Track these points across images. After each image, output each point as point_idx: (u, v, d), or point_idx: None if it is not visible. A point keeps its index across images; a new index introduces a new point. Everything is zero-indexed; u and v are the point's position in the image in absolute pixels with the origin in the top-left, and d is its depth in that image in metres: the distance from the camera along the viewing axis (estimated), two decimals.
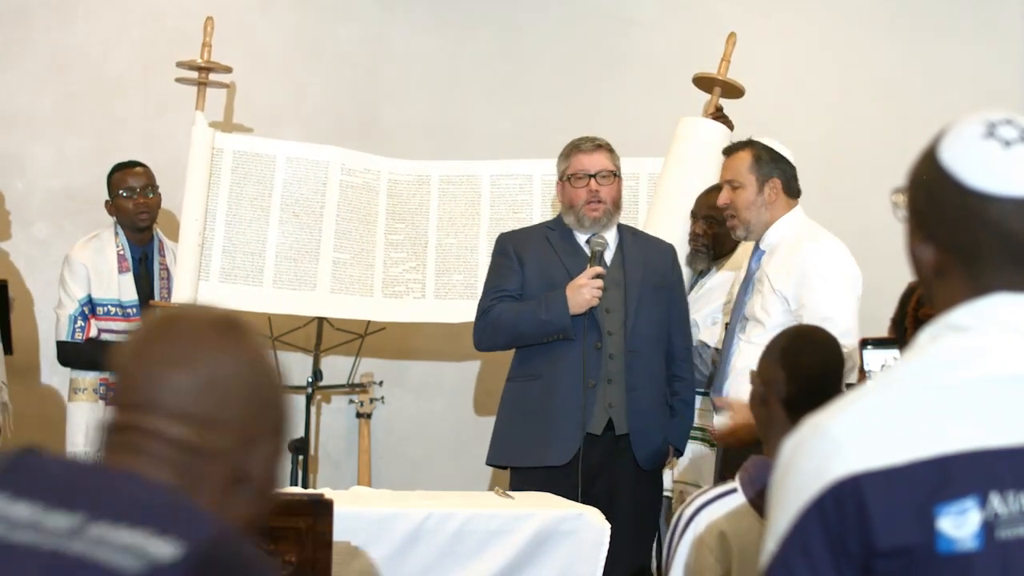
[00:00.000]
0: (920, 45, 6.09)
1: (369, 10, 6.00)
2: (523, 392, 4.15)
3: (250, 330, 1.47)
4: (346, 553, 3.13)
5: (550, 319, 4.05)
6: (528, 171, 5.06)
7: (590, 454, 4.02)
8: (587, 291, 4.02)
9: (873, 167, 5.93)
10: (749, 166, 4.03)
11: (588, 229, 4.21)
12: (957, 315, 1.42)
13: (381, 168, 5.11)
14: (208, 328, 1.41)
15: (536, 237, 4.28)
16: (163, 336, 1.39)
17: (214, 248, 4.87)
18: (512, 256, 4.22)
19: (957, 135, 1.45)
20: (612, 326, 4.11)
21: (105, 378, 4.77)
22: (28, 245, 5.74)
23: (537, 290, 4.15)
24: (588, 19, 6.07)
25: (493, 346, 4.28)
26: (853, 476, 1.33)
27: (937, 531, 1.32)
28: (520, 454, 4.13)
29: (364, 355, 5.69)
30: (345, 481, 5.61)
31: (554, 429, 4.04)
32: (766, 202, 4.02)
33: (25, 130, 5.74)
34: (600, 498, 3.98)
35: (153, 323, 1.43)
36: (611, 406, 4.07)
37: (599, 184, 4.19)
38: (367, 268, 5.01)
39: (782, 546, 1.35)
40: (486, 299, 4.22)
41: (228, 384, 1.38)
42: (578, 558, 3.34)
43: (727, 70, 5.00)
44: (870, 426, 1.35)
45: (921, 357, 1.41)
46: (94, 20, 5.80)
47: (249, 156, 4.95)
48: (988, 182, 1.41)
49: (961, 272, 1.43)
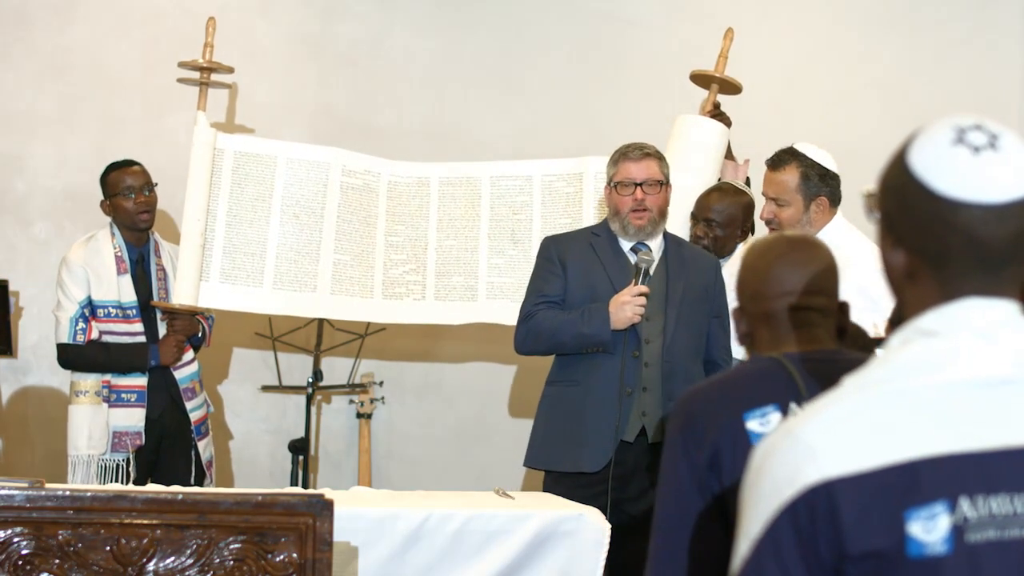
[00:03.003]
0: (920, 44, 6.09)
1: (369, 10, 6.00)
2: (561, 397, 4.16)
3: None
4: (346, 553, 3.13)
5: (591, 333, 4.04)
6: (528, 172, 5.05)
7: (622, 461, 4.02)
8: (629, 309, 4.01)
9: (872, 166, 5.93)
10: (797, 185, 3.99)
11: (633, 237, 4.20)
12: (927, 320, 1.43)
13: (381, 170, 5.10)
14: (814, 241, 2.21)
15: (581, 243, 4.26)
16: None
17: (215, 249, 4.86)
18: (556, 261, 4.21)
19: (926, 141, 1.45)
20: (650, 335, 4.10)
21: (107, 380, 4.76)
22: (28, 245, 5.74)
23: (579, 297, 4.15)
24: (588, 19, 6.08)
25: (533, 351, 4.28)
26: (826, 482, 1.34)
27: (907, 535, 1.33)
28: (555, 458, 4.14)
29: (364, 356, 5.69)
30: (345, 481, 5.62)
31: (589, 435, 4.05)
32: (811, 220, 4.00)
33: (25, 130, 5.74)
34: (631, 503, 4.00)
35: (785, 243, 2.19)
36: (644, 414, 4.06)
37: (645, 192, 4.18)
38: (367, 270, 5.01)
39: (755, 550, 1.37)
40: (529, 303, 4.22)
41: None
42: (578, 558, 3.34)
43: (724, 67, 4.99)
44: (842, 431, 1.36)
45: (891, 362, 1.42)
46: (94, 20, 5.80)
47: (250, 157, 4.95)
48: (957, 189, 1.41)
49: (931, 277, 1.43)
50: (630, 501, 4.01)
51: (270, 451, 5.82)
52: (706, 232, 4.59)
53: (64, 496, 2.51)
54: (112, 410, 4.76)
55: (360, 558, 3.18)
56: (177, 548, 2.52)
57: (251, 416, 5.88)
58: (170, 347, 4.82)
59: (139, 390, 4.79)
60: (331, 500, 2.56)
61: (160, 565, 2.52)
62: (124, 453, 4.75)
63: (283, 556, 2.55)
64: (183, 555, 2.53)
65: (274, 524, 2.54)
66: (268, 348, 5.59)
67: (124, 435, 4.76)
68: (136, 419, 4.78)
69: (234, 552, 2.54)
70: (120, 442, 4.75)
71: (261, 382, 5.80)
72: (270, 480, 5.71)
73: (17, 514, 2.48)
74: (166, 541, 2.52)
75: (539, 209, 4.99)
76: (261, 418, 5.88)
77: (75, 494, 2.53)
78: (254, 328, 5.55)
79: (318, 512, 2.53)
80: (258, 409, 5.88)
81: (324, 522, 2.53)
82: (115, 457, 4.75)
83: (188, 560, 2.53)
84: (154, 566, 2.52)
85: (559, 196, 4.97)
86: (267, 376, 5.75)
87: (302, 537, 2.54)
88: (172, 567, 2.52)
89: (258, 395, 5.84)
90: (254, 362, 5.81)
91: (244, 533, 2.54)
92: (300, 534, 2.54)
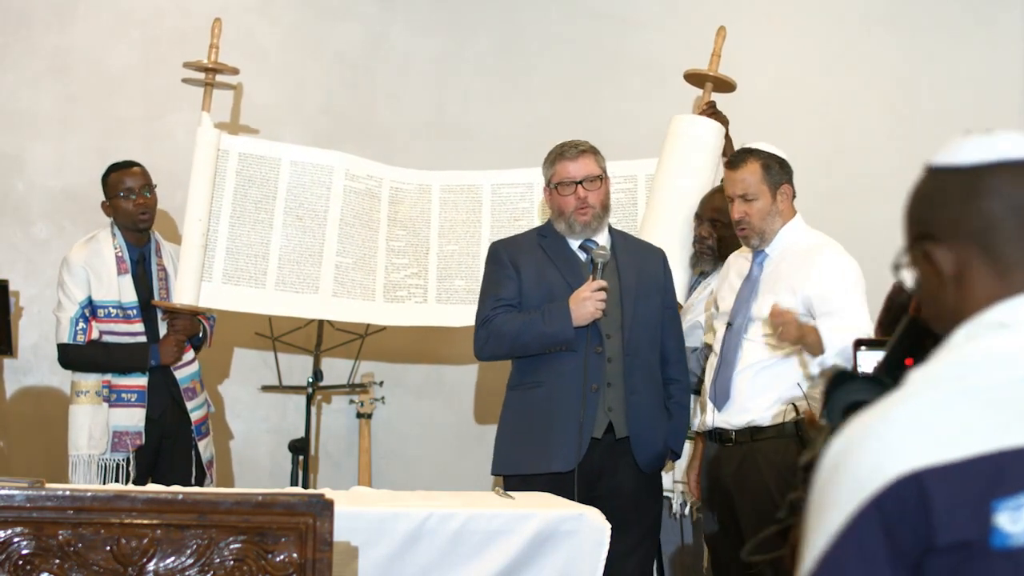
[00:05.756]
0: (920, 45, 6.09)
1: (369, 10, 6.00)
2: (525, 400, 4.15)
3: None
4: (346, 553, 3.13)
5: (554, 332, 4.04)
6: (529, 180, 5.07)
7: (590, 457, 4.02)
8: (591, 304, 4.01)
9: (871, 166, 5.94)
10: (760, 177, 4.02)
11: (579, 235, 4.21)
12: (995, 313, 1.43)
13: (384, 175, 5.12)
14: None
15: (529, 244, 4.26)
16: None
17: (217, 249, 4.87)
18: (507, 264, 4.21)
19: (943, 149, 1.50)
20: (610, 329, 4.11)
21: (107, 380, 4.77)
22: (28, 245, 5.74)
23: (535, 298, 4.14)
24: (588, 19, 6.08)
25: (494, 356, 4.26)
26: (915, 472, 1.33)
27: (993, 526, 1.32)
28: (525, 462, 4.12)
29: (364, 356, 5.69)
30: (345, 481, 5.62)
31: (558, 436, 4.04)
32: (779, 210, 4.04)
33: (25, 130, 5.75)
34: (601, 501, 3.99)
35: None
36: (611, 409, 4.07)
37: (586, 190, 4.19)
38: (369, 273, 5.02)
39: (835, 545, 1.35)
40: (485, 308, 4.20)
41: None
42: (578, 558, 3.33)
43: (718, 65, 5.00)
44: (925, 424, 1.36)
45: (960, 357, 1.42)
46: (94, 20, 5.81)
47: (254, 159, 4.96)
48: (983, 154, 1.45)
49: (986, 269, 1.45)
50: (600, 500, 3.98)
51: (270, 451, 5.82)
52: (711, 232, 4.59)
53: (64, 496, 2.51)
54: (112, 410, 4.76)
55: (360, 558, 3.18)
56: (177, 548, 2.53)
57: (251, 416, 5.88)
58: (170, 347, 4.82)
59: (139, 390, 4.80)
60: (331, 500, 2.56)
61: (160, 565, 2.52)
62: (124, 453, 4.75)
63: (283, 556, 2.55)
64: (183, 555, 2.53)
65: (274, 524, 2.54)
66: (268, 348, 5.59)
67: (124, 435, 4.76)
68: (136, 419, 4.78)
69: (234, 552, 2.54)
70: (120, 442, 4.75)
71: (261, 382, 5.80)
72: (270, 480, 5.71)
73: (17, 514, 2.48)
74: (166, 541, 2.52)
75: (540, 216, 5.00)
76: (261, 418, 5.88)
77: (75, 494, 2.53)
78: (254, 328, 5.55)
79: (318, 512, 2.53)
80: (258, 409, 5.88)
81: (324, 522, 2.53)
82: (115, 457, 4.75)
83: (188, 560, 2.53)
84: (154, 566, 2.52)
85: None
86: (267, 376, 5.75)
87: (302, 537, 2.54)
88: (172, 567, 2.52)
89: (258, 395, 5.84)
90: (254, 362, 5.82)
91: (244, 533, 2.54)
92: (300, 534, 2.54)
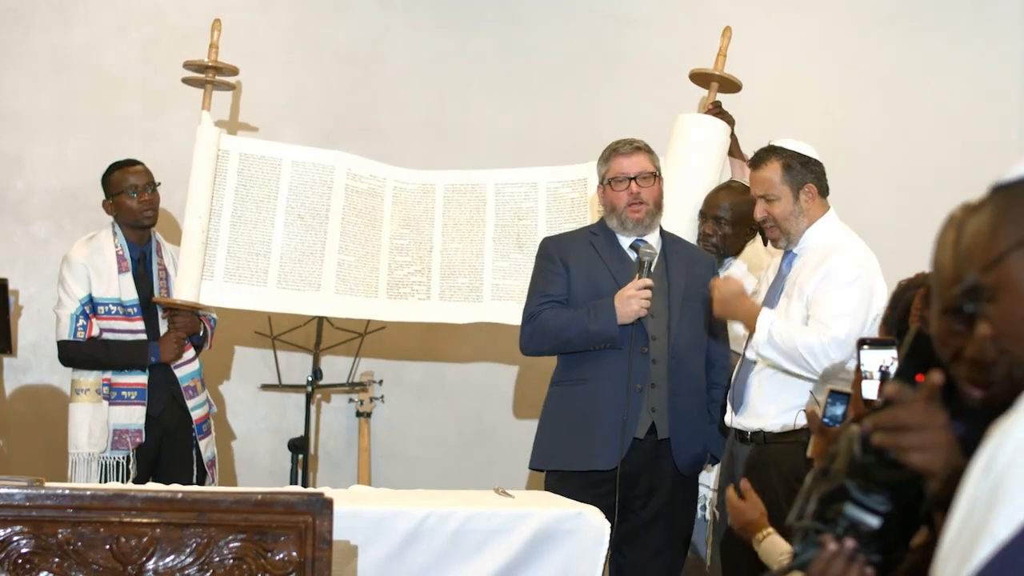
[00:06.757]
0: (920, 44, 6.09)
1: (369, 10, 6.00)
2: (569, 396, 4.15)
3: None
4: (346, 552, 3.14)
5: (599, 329, 4.04)
6: (533, 179, 5.07)
7: (631, 457, 4.02)
8: (635, 302, 4.01)
9: (872, 165, 5.94)
10: (781, 177, 3.98)
11: (631, 232, 4.21)
12: None
13: (387, 176, 5.13)
14: None
15: (580, 242, 4.26)
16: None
17: (219, 248, 4.88)
18: (557, 261, 4.21)
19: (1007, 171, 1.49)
20: (656, 331, 4.11)
21: (107, 378, 4.77)
22: (28, 245, 5.74)
23: (583, 296, 4.14)
24: (588, 19, 6.08)
25: (539, 351, 4.27)
26: None
27: None
28: (565, 458, 4.11)
29: (364, 354, 5.69)
30: (345, 480, 5.62)
31: (600, 433, 4.04)
32: (803, 209, 3.98)
33: (25, 130, 5.75)
34: (639, 500, 4.00)
35: None
36: (654, 410, 4.07)
37: (640, 186, 4.19)
38: (372, 271, 5.02)
39: (1007, 548, 1.27)
40: (532, 304, 4.21)
41: None
42: (578, 558, 3.33)
43: (723, 65, 5.00)
44: None
45: None
46: (94, 20, 5.81)
47: (255, 159, 4.97)
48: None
49: None
50: (638, 499, 4.01)
51: (270, 450, 5.82)
52: (715, 230, 4.59)
53: (64, 495, 2.51)
54: (112, 408, 4.76)
55: (359, 557, 3.18)
56: (177, 547, 2.53)
57: (251, 415, 5.88)
58: (170, 344, 4.82)
59: (139, 388, 4.80)
60: (331, 499, 2.56)
61: (160, 564, 2.52)
62: (124, 451, 4.75)
63: (283, 555, 2.55)
64: (183, 554, 2.53)
65: (274, 523, 2.54)
66: (268, 347, 5.59)
67: (124, 433, 4.76)
68: (136, 417, 4.78)
69: (234, 551, 2.54)
70: (120, 440, 4.75)
71: (261, 381, 5.80)
72: (270, 479, 5.71)
73: (17, 513, 2.49)
74: (166, 540, 2.52)
75: (544, 215, 5.00)
76: (261, 417, 5.88)
77: (75, 493, 2.53)
78: (254, 327, 5.55)
79: (318, 511, 2.53)
80: (258, 408, 5.88)
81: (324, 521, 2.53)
82: (115, 455, 4.75)
83: (188, 559, 2.53)
84: (154, 565, 2.52)
85: (564, 202, 4.99)
86: (267, 375, 5.75)
87: (302, 536, 2.54)
88: (172, 566, 2.53)
89: (258, 394, 5.84)
90: (254, 361, 5.82)
91: (244, 532, 2.54)
92: (300, 533, 2.54)
